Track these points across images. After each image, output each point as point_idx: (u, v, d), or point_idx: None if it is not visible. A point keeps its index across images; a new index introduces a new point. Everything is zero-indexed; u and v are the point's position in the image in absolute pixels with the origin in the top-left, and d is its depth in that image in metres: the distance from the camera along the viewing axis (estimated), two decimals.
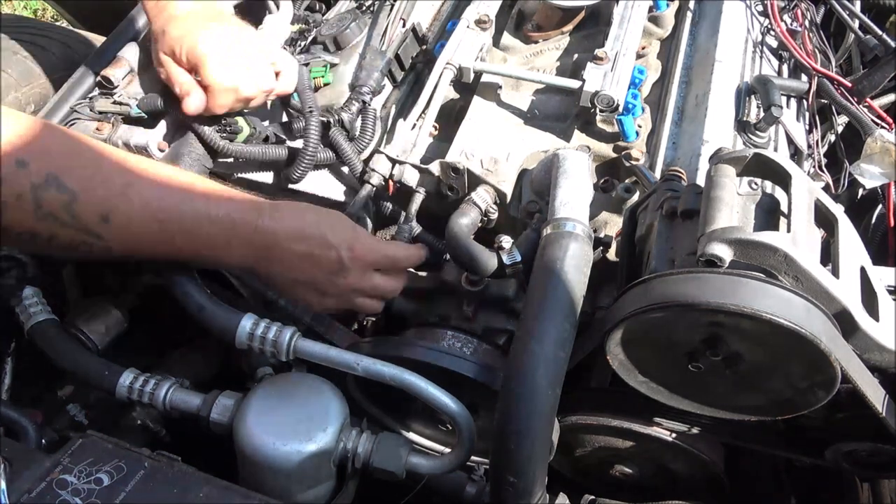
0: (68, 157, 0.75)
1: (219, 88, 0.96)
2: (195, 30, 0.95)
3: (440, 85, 1.08)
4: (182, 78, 0.97)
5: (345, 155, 1.05)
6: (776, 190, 0.82)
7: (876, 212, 1.13)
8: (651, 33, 1.19)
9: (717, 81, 1.09)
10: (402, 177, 1.04)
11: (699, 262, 0.72)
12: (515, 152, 1.04)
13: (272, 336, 0.84)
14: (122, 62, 1.10)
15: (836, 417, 0.81)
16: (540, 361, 0.72)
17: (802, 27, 1.20)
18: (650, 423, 0.89)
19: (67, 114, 1.08)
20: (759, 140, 1.05)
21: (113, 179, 0.77)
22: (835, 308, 0.70)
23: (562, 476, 1.04)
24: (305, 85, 1.04)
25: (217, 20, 0.98)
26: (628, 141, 1.04)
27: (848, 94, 1.10)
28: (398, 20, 1.17)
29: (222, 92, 0.96)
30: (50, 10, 2.85)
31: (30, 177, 0.70)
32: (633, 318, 0.72)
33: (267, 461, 0.79)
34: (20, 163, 0.69)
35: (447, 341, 0.94)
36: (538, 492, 0.75)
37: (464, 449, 0.82)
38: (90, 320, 0.98)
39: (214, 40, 0.95)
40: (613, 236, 0.98)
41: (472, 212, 0.98)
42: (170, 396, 0.86)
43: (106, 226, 0.76)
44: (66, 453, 0.72)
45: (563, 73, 1.12)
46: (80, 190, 0.73)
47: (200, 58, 0.94)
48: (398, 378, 0.81)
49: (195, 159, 0.99)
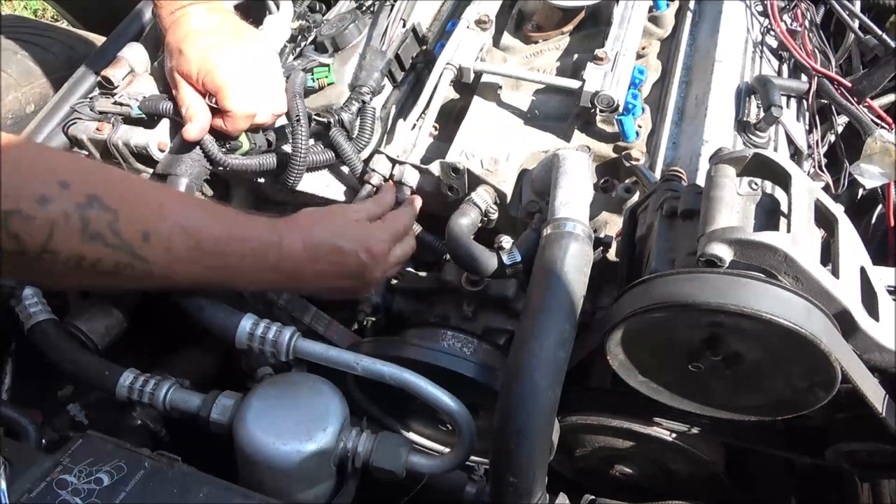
0: (102, 177, 0.75)
1: (238, 116, 0.98)
2: (212, 56, 0.96)
3: (440, 85, 1.08)
4: (191, 101, 0.98)
5: (345, 155, 1.05)
6: (776, 190, 0.82)
7: (876, 212, 1.13)
8: (651, 33, 1.19)
9: (717, 81, 1.09)
10: (402, 177, 1.04)
11: (699, 262, 0.72)
12: (515, 152, 1.04)
13: (272, 336, 0.84)
14: (122, 62, 1.10)
15: (836, 417, 0.81)
16: (540, 361, 0.72)
17: (802, 27, 1.20)
18: (650, 423, 0.89)
19: (67, 114, 1.08)
20: (759, 140, 1.05)
21: (147, 198, 0.78)
22: (835, 308, 0.70)
23: (562, 476, 1.05)
24: (295, 92, 1.04)
25: (232, 40, 0.98)
26: (628, 141, 1.04)
27: (848, 94, 1.10)
28: (398, 20, 1.17)
29: (240, 119, 0.99)
30: (50, 10, 2.85)
31: (73, 197, 0.69)
32: (633, 318, 0.72)
33: (267, 461, 0.79)
34: (63, 184, 0.68)
35: (447, 341, 0.94)
36: (538, 492, 0.75)
37: (464, 448, 0.82)
38: (90, 320, 0.98)
39: (232, 67, 0.96)
40: (613, 236, 0.98)
41: (472, 212, 0.98)
42: (170, 396, 0.87)
43: (147, 246, 0.75)
44: (66, 453, 0.72)
45: (563, 74, 1.12)
46: (120, 208, 0.72)
47: (220, 87, 0.96)
48: (398, 378, 0.81)
49: (195, 160, 0.99)
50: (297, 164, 1.02)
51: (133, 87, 1.08)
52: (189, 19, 0.99)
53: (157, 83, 1.08)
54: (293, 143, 1.02)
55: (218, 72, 0.95)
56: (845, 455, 0.85)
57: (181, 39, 0.97)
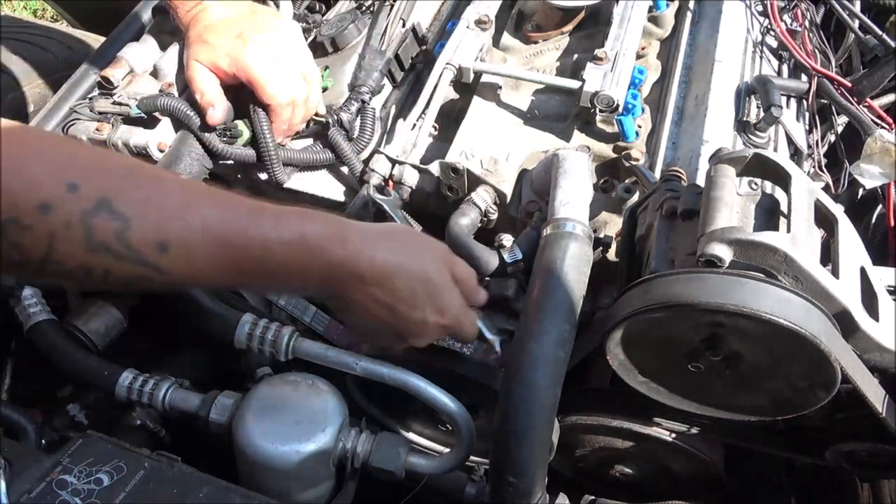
0: (122, 178, 0.65)
1: (280, 105, 0.99)
2: (240, 47, 0.97)
3: (440, 85, 1.08)
4: (206, 88, 0.99)
5: (344, 155, 1.05)
6: (776, 190, 0.82)
7: (876, 212, 1.13)
8: (651, 33, 1.19)
9: (717, 81, 1.09)
10: (402, 177, 1.04)
11: (699, 262, 0.72)
12: (515, 152, 1.04)
13: (271, 336, 0.84)
14: (122, 62, 1.10)
15: (836, 417, 0.81)
16: (540, 361, 0.72)
17: (802, 27, 1.20)
18: (650, 423, 0.89)
19: (67, 114, 1.08)
20: (758, 140, 1.05)
21: (169, 201, 0.67)
22: (835, 308, 0.70)
23: (562, 476, 1.04)
24: None
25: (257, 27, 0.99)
26: (628, 141, 1.04)
27: (848, 94, 1.10)
28: (398, 20, 1.17)
29: (283, 108, 0.99)
30: (50, 10, 2.85)
31: (80, 202, 0.61)
32: (633, 318, 0.72)
33: (266, 461, 0.79)
34: (71, 186, 0.60)
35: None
36: (538, 492, 0.75)
37: (463, 449, 0.82)
38: (90, 320, 0.97)
39: (263, 60, 0.97)
40: (613, 236, 0.98)
41: (472, 212, 0.98)
42: (169, 396, 0.87)
43: (164, 256, 0.65)
44: (66, 453, 0.72)
45: (563, 74, 1.12)
46: (134, 215, 0.63)
47: (256, 80, 0.97)
48: (397, 378, 0.81)
49: (195, 159, 1.00)
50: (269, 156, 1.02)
51: (132, 88, 1.08)
52: (209, 13, 1.00)
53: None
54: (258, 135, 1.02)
55: (249, 65, 0.96)
56: (845, 455, 0.85)
57: (203, 31, 0.99)
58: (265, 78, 0.97)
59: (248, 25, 0.99)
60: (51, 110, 1.09)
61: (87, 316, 0.98)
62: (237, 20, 1.00)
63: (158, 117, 1.03)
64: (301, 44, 1.04)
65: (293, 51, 1.02)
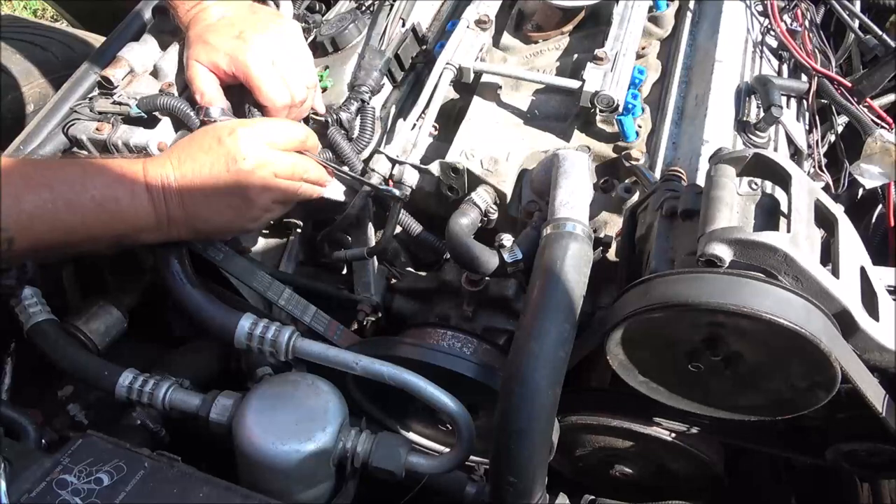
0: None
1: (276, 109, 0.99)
2: (241, 48, 0.97)
3: (440, 85, 1.08)
4: (205, 88, 0.99)
5: (344, 155, 1.05)
6: (776, 190, 0.82)
7: (876, 212, 1.13)
8: (651, 33, 1.19)
9: (717, 81, 1.09)
10: (402, 177, 1.04)
11: (699, 262, 0.72)
12: (515, 152, 1.04)
13: (271, 336, 0.84)
14: (122, 62, 1.10)
15: (836, 417, 0.81)
16: (540, 361, 0.72)
17: (802, 27, 1.20)
18: (650, 423, 0.89)
19: (67, 114, 1.08)
20: (759, 140, 1.05)
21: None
22: (835, 308, 0.70)
23: (562, 476, 1.05)
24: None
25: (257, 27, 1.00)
26: (628, 141, 1.04)
27: (848, 94, 1.10)
28: (398, 20, 1.17)
29: (279, 112, 1.00)
30: (50, 10, 2.85)
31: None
32: (633, 318, 0.72)
33: (266, 461, 0.79)
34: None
35: (447, 341, 0.94)
36: (538, 492, 0.75)
37: (463, 448, 0.82)
38: (90, 320, 0.98)
39: (263, 62, 0.98)
40: (613, 236, 0.98)
41: (472, 212, 0.98)
42: (169, 396, 0.86)
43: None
44: (66, 453, 0.72)
45: (563, 73, 1.12)
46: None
47: (255, 81, 0.97)
48: (397, 377, 0.81)
49: None
50: None
51: (132, 87, 1.08)
52: (209, 13, 1.01)
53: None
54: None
55: (249, 65, 0.97)
56: (845, 455, 0.85)
57: (203, 31, 1.00)
58: (263, 80, 0.97)
59: (248, 25, 0.99)
60: (51, 110, 1.09)
61: (88, 316, 0.98)
62: (237, 20, 1.00)
63: (158, 117, 1.03)
64: (301, 44, 1.04)
65: (293, 51, 1.02)
